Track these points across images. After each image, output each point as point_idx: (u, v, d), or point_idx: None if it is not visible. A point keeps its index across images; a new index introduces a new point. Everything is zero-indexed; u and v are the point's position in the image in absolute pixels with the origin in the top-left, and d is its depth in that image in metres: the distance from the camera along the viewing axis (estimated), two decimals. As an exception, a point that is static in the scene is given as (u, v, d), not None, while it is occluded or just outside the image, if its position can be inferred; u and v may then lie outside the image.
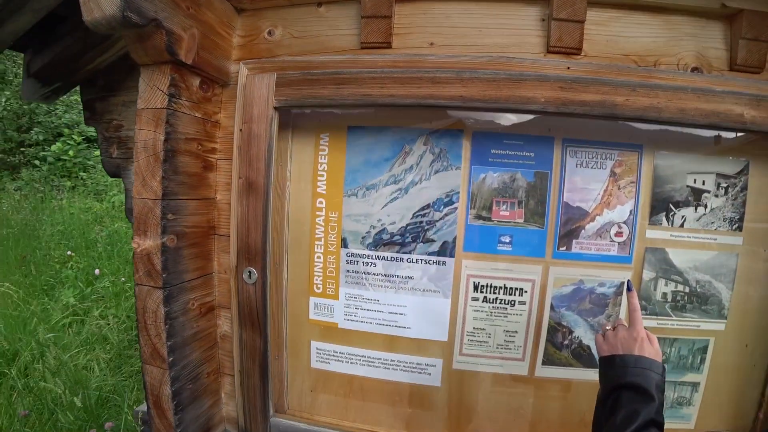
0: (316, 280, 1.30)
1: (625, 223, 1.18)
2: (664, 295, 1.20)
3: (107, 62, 1.49)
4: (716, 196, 1.20)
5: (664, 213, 1.19)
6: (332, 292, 1.29)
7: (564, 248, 1.18)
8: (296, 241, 1.31)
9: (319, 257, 1.29)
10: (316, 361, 1.34)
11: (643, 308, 1.20)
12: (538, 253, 1.19)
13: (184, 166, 1.18)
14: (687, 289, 1.20)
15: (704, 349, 1.22)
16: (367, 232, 1.25)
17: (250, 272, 1.23)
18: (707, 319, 1.21)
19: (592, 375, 1.20)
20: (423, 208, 1.21)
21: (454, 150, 1.20)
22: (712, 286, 1.20)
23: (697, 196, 1.19)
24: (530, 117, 1.14)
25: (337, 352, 1.32)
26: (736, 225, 1.20)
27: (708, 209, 1.20)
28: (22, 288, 2.95)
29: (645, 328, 1.23)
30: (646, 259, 1.19)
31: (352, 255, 1.26)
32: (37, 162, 5.85)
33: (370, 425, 1.35)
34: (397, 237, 1.23)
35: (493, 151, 1.19)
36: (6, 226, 4.20)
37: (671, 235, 1.19)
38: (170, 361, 1.19)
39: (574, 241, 1.18)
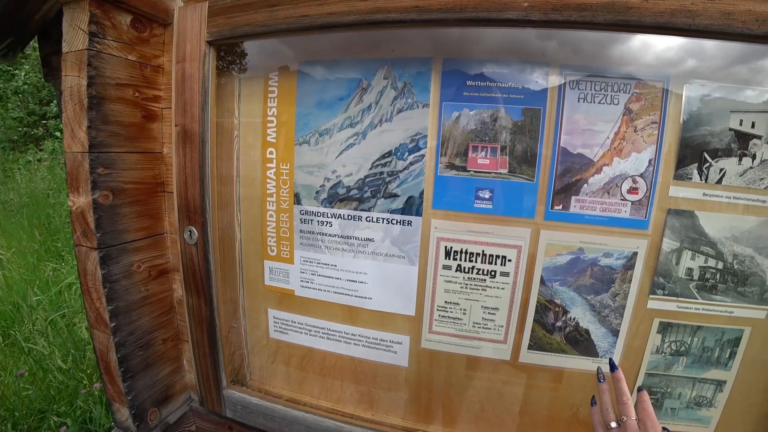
0: (270, 241, 1.14)
1: (641, 176, 0.91)
2: (689, 271, 0.93)
3: (56, 10, 1.36)
4: None
5: (696, 165, 0.91)
6: (287, 255, 1.13)
7: (560, 207, 0.93)
8: (248, 197, 1.15)
9: (271, 216, 1.12)
10: (275, 331, 1.20)
11: (660, 286, 0.93)
12: (526, 213, 0.95)
13: (116, 115, 1.04)
14: (720, 265, 0.92)
15: (736, 342, 0.96)
16: (321, 186, 1.06)
17: (190, 231, 1.09)
18: (744, 304, 0.94)
19: (590, 365, 0.97)
20: (384, 156, 1.00)
21: (420, 83, 0.97)
22: (754, 262, 0.92)
23: (742, 142, 0.90)
24: (511, 31, 0.88)
25: (295, 323, 1.17)
26: None
27: (757, 161, 0.90)
28: (38, 252, 3.07)
29: (663, 311, 0.97)
30: (668, 224, 0.92)
31: (306, 213, 1.08)
32: (57, 134, 6.12)
33: (332, 403, 1.20)
34: (355, 191, 1.03)
35: (469, 83, 0.94)
36: (27, 195, 4.43)
37: (704, 194, 0.91)
38: (113, 327, 1.09)
39: (573, 198, 0.93)
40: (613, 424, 0.68)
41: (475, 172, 0.96)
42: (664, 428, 0.66)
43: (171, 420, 1.31)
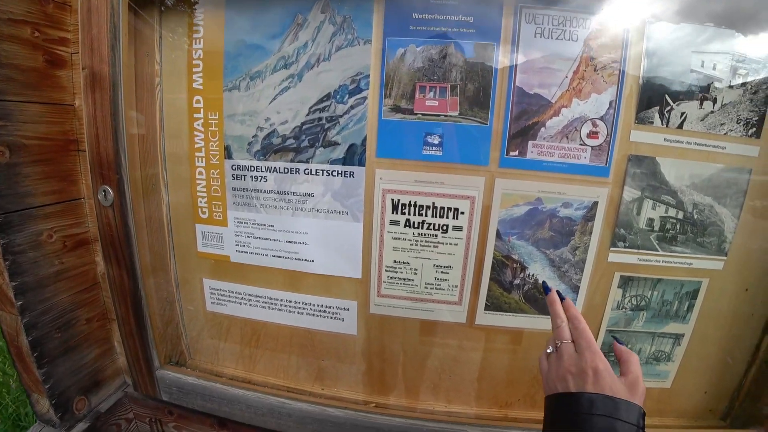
0: (201, 202, 1.00)
1: (602, 119, 0.83)
2: (650, 222, 0.86)
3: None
4: (731, 86, 0.84)
5: (658, 108, 0.84)
6: (219, 216, 0.99)
7: (516, 153, 0.84)
8: (175, 153, 1.01)
9: (201, 173, 0.98)
10: (212, 303, 1.07)
11: (621, 239, 0.86)
12: (479, 160, 0.85)
13: (9, 57, 0.87)
14: (680, 215, 0.86)
15: (694, 294, 0.92)
16: (254, 137, 0.93)
17: (105, 191, 0.94)
18: (703, 255, 0.89)
19: (549, 324, 0.89)
20: (322, 100, 0.88)
21: (361, 17, 0.84)
22: (713, 211, 0.87)
23: (704, 85, 0.83)
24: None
25: (233, 292, 1.04)
26: (753, 129, 0.85)
27: (718, 105, 0.85)
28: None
29: (624, 264, 0.90)
30: (629, 171, 0.84)
31: (238, 168, 0.95)
32: None
33: (278, 378, 1.09)
34: (291, 140, 0.90)
35: (415, 16, 0.83)
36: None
37: (665, 140, 0.84)
38: (21, 305, 0.94)
39: (530, 143, 0.84)
40: (549, 349, 0.62)
41: (422, 115, 0.85)
42: (614, 338, 0.63)
43: (103, 408, 1.17)
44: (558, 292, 0.68)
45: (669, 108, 0.84)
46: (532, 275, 0.90)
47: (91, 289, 1.12)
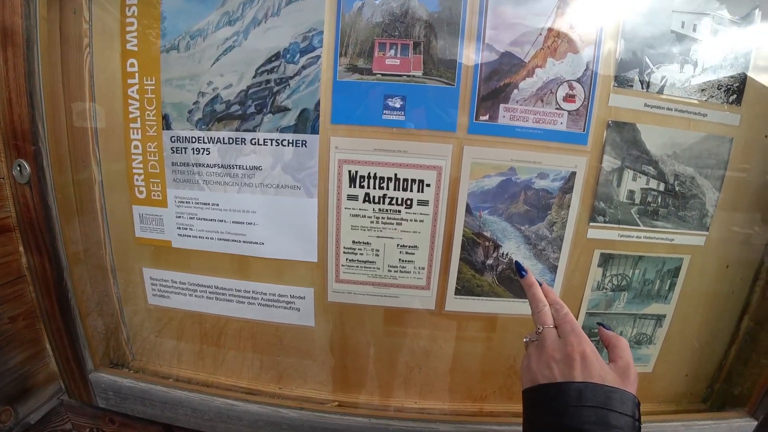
0: (137, 180, 0.87)
1: (579, 82, 0.74)
2: (631, 194, 0.78)
3: None
4: (711, 50, 0.77)
5: (638, 71, 0.77)
6: (158, 196, 0.87)
7: (486, 118, 0.74)
8: (107, 125, 0.88)
9: (136, 146, 0.85)
10: (154, 295, 0.94)
11: (601, 213, 0.77)
12: (446, 125, 0.75)
13: None
14: (662, 187, 0.79)
15: (676, 272, 0.85)
16: (194, 103, 0.81)
17: (20, 166, 0.80)
18: (684, 231, 0.82)
19: (526, 308, 0.79)
20: (270, 60, 0.77)
21: (313, -39, 0.73)
22: (694, 183, 0.80)
23: (684, 47, 0.76)
24: None
25: (176, 282, 0.91)
26: (734, 96, 0.79)
27: (698, 69, 0.78)
28: None
29: (604, 241, 0.82)
30: (608, 139, 0.76)
31: (178, 139, 0.83)
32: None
33: (233, 378, 0.97)
34: (236, 107, 0.79)
35: (374, -40, 0.72)
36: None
37: (645, 105, 0.77)
38: None
39: (501, 107, 0.75)
40: (527, 338, 0.55)
41: (382, 75, 0.74)
42: (599, 324, 0.56)
43: (33, 419, 1.02)
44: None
45: (649, 71, 0.77)
46: (507, 254, 0.81)
47: (15, 283, 0.97)
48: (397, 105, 0.75)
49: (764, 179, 0.84)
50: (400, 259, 0.81)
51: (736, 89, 0.80)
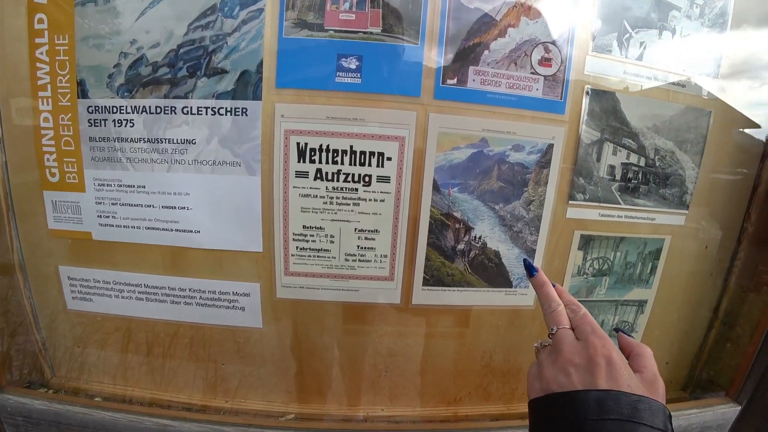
0: (48, 160, 0.72)
1: (555, 44, 0.65)
2: (611, 169, 0.70)
3: None
4: (688, 17, 0.72)
5: (616, 35, 0.68)
6: (74, 178, 0.71)
7: (454, 82, 0.64)
8: (10, 93, 0.72)
9: (47, 119, 0.70)
10: (74, 298, 0.78)
11: (581, 190, 0.68)
12: (409, 90, 0.64)
13: None
14: (642, 162, 0.72)
15: (657, 253, 0.79)
16: (115, 66, 0.67)
17: None
18: (665, 209, 0.76)
19: (503, 298, 0.69)
20: (204, 14, 0.64)
21: None
22: (674, 158, 0.73)
23: (662, 12, 0.71)
24: None
25: (99, 282, 0.76)
26: (714, 67, 0.73)
27: (677, 35, 0.72)
28: None
29: (584, 221, 0.74)
30: (587, 108, 0.67)
31: (96, 109, 0.68)
32: None
33: (170, 393, 0.81)
34: (165, 69, 0.65)
35: None
36: None
37: (625, 72, 0.68)
38: None
39: (471, 69, 0.65)
40: (538, 343, 0.46)
41: (335, 32, 0.63)
42: (617, 330, 0.46)
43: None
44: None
45: (627, 35, 0.70)
46: (479, 238, 0.70)
47: None
48: (353, 66, 0.64)
49: (742, 155, 0.78)
50: (358, 246, 0.69)
51: (714, 59, 0.73)
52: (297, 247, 0.70)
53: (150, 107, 0.68)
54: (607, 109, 0.69)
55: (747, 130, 0.79)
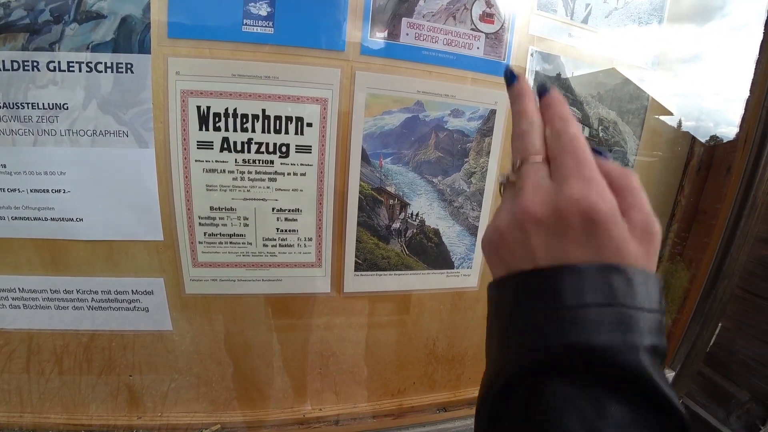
0: None
1: None
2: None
3: None
4: None
5: None
6: None
7: (384, 35, 0.53)
8: None
9: None
10: (-73, 310, 0.57)
11: (529, 159, 0.59)
12: (331, 43, 0.52)
13: None
14: (586, 132, 0.65)
15: None
16: (-49, 9, 0.48)
17: None
18: None
19: (444, 280, 0.59)
20: (66, -60, 0.47)
21: None
22: (617, 129, 0.68)
23: None
24: None
25: None
26: (656, 21, 0.68)
27: (622, 2, 0.65)
28: None
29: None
30: (531, 71, 0.58)
31: (-71, 66, 0.49)
32: None
33: (68, 414, 0.64)
34: (21, 12, 0.49)
35: None
36: None
37: (570, 35, 0.60)
38: None
39: (404, 21, 0.53)
40: (501, 178, 0.27)
41: (240, -29, 0.49)
42: (594, 152, 0.24)
43: None
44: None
45: (574, -5, 0.61)
46: (417, 215, 0.59)
47: None
48: (263, 12, 0.50)
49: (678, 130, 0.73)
50: (278, 229, 0.56)
51: (659, 23, 0.68)
52: (205, 233, 0.55)
53: (3, 62, 0.51)
54: (553, 76, 0.61)
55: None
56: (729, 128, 0.79)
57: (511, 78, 0.29)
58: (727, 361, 0.83)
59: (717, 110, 0.79)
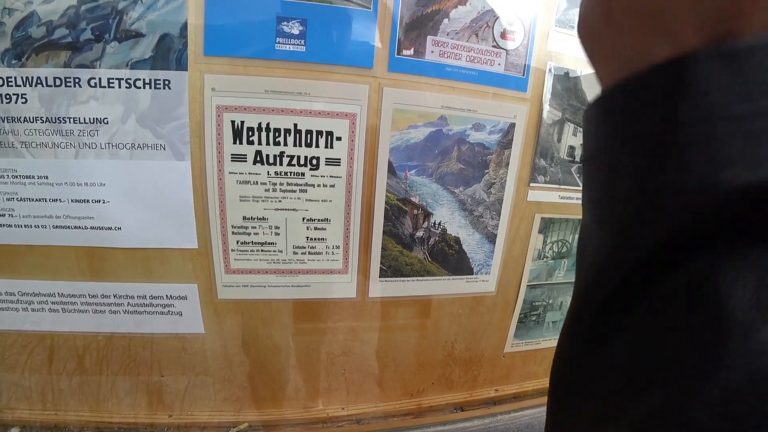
0: None
1: (518, 16, 0.56)
2: (571, 150, 0.63)
3: None
4: None
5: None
6: (-47, 169, 0.53)
7: (411, 52, 0.53)
8: None
9: None
10: (-31, 313, 0.59)
11: (542, 172, 0.60)
12: (360, 61, 0.52)
13: None
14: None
15: None
16: (-3, 28, 0.49)
17: None
18: None
19: (463, 285, 0.60)
20: (109, -36, 0.48)
21: None
22: None
23: None
24: None
25: (0, 294, 0.57)
26: None
27: None
28: None
29: (545, 204, 0.66)
30: (549, 86, 0.58)
31: (-25, 82, 0.50)
32: None
33: (102, 413, 0.65)
34: (63, 31, 0.49)
35: None
36: None
37: None
38: None
39: (429, 39, 0.54)
40: None
41: (273, -9, 0.49)
42: None
43: None
44: None
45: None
46: (439, 224, 0.60)
47: None
48: (296, 31, 0.51)
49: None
50: (308, 237, 0.57)
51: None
52: (237, 241, 0.56)
53: (46, 78, 0.51)
54: (569, 88, 0.62)
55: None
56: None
57: None
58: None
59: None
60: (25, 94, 0.52)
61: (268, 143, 0.53)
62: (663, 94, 0.12)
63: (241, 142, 0.53)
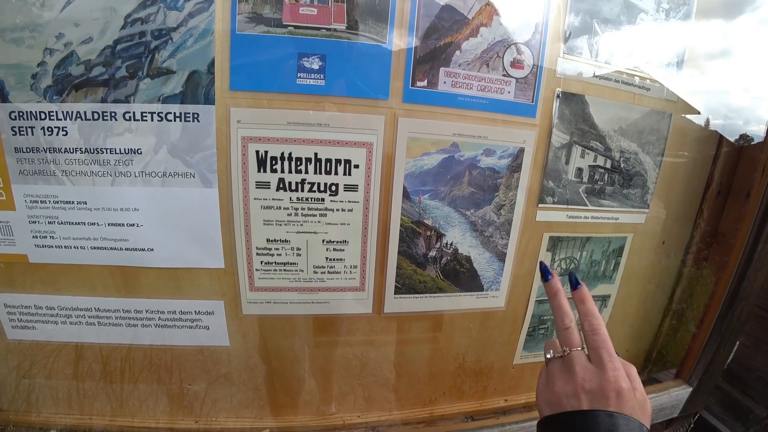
0: (-33, 174, 0.55)
1: (527, 45, 0.57)
2: (579, 172, 0.64)
3: None
4: (655, 21, 0.65)
5: (587, 37, 0.60)
6: (1, 196, 0.55)
7: (424, 84, 0.55)
8: None
9: (-38, 128, 0.54)
10: (14, 327, 0.63)
11: (550, 193, 0.62)
12: (376, 92, 0.54)
13: None
14: (608, 164, 0.66)
15: (620, 251, 0.74)
16: (40, 65, 0.52)
17: None
18: (628, 209, 0.71)
19: (473, 302, 0.62)
20: (144, 5, 0.51)
21: None
22: (637, 159, 0.69)
23: (630, 15, 0.62)
24: None
25: (41, 308, 0.61)
26: (675, 65, 0.68)
27: (644, 38, 0.66)
28: None
29: (553, 223, 0.67)
30: (558, 111, 0.59)
31: (21, 115, 0.54)
32: None
33: (133, 418, 0.68)
34: (100, 69, 0.52)
35: None
36: None
37: (595, 75, 0.61)
38: None
39: (442, 71, 0.55)
40: (550, 354, 0.40)
41: (295, 28, 0.52)
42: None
43: None
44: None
45: (597, 37, 0.63)
46: (451, 244, 0.62)
47: None
48: (315, 66, 0.53)
49: (697, 155, 0.74)
50: (327, 258, 0.59)
51: (677, 62, 0.68)
52: (261, 262, 0.58)
53: (85, 113, 0.54)
54: (576, 112, 0.63)
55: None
56: (759, 126, 0.75)
57: (545, 274, 0.44)
58: (746, 378, 0.84)
59: (746, 107, 0.75)
60: (66, 127, 0.55)
61: (290, 171, 0.55)
62: (573, 424, 0.34)
63: (265, 171, 0.55)
